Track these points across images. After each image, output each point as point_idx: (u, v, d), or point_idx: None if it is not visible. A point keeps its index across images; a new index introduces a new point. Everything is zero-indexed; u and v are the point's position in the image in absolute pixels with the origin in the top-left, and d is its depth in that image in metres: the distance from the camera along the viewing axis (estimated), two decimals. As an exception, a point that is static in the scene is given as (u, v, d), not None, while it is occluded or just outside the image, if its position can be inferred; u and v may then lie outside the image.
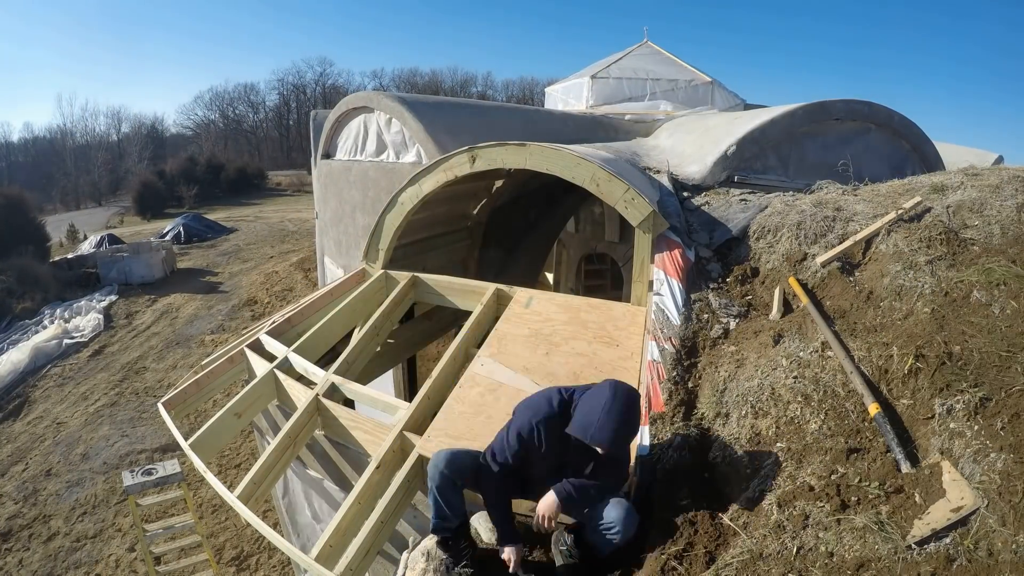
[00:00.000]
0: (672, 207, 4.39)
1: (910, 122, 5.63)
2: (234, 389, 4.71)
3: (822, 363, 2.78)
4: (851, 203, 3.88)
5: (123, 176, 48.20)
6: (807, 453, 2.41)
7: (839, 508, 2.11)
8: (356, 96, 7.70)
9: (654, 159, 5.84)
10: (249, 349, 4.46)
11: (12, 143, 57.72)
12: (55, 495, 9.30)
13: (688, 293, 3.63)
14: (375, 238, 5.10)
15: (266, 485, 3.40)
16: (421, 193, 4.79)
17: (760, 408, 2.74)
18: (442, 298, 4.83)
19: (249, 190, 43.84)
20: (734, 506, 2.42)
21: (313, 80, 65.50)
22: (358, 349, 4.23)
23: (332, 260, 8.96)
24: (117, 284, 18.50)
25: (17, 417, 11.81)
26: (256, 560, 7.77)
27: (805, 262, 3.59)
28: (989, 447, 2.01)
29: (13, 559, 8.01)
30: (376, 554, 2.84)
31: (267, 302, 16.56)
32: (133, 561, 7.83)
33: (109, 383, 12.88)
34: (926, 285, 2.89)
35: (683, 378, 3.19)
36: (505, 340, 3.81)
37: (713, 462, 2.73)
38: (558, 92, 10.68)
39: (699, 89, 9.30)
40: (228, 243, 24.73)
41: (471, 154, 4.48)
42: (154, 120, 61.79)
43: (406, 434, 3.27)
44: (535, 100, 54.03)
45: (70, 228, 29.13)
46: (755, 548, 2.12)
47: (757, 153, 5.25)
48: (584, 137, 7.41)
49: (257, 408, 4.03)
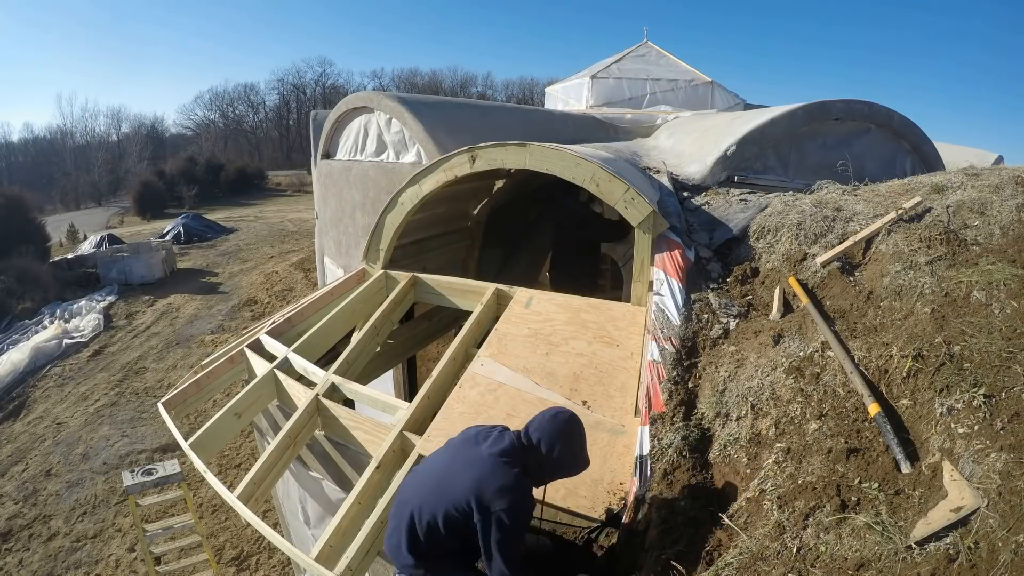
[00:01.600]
0: (672, 207, 4.39)
1: (910, 122, 5.63)
2: (234, 389, 4.71)
3: (822, 363, 2.78)
4: (851, 203, 3.88)
5: (123, 176, 48.21)
6: (807, 453, 2.41)
7: (839, 508, 2.10)
8: (356, 96, 7.70)
9: (654, 159, 5.84)
10: (249, 349, 4.46)
11: (12, 143, 57.76)
12: (55, 495, 9.30)
13: (688, 293, 3.63)
14: (375, 238, 5.10)
15: (266, 485, 3.40)
16: (421, 193, 4.79)
17: (760, 408, 2.74)
18: (442, 298, 4.83)
19: (249, 190, 43.86)
20: (734, 506, 2.42)
21: (313, 80, 65.65)
22: (358, 349, 4.23)
23: (332, 260, 8.95)
24: (117, 284, 18.49)
25: (17, 417, 11.81)
26: (256, 560, 7.77)
27: (805, 262, 3.59)
28: (989, 447, 2.01)
29: (13, 559, 8.01)
30: (376, 554, 2.84)
31: (267, 302, 16.56)
32: (133, 561, 7.83)
33: (109, 383, 12.87)
34: (926, 285, 2.89)
35: (683, 378, 3.19)
36: (505, 340, 3.81)
37: (713, 462, 2.72)
38: (558, 92, 10.68)
39: (699, 89, 9.30)
40: (228, 243, 24.73)
41: (471, 154, 4.48)
42: (154, 120, 61.94)
43: (406, 434, 3.27)
44: (535, 100, 54.05)
45: (70, 228, 29.12)
46: (755, 548, 2.12)
47: (757, 153, 5.25)
48: (584, 137, 7.41)
49: (257, 408, 4.03)
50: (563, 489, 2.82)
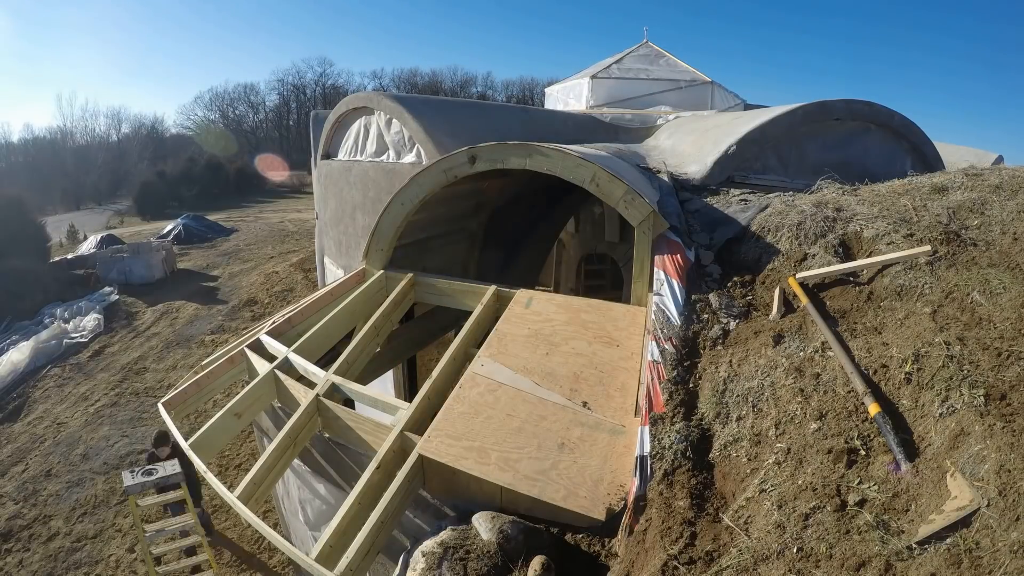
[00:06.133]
0: (672, 207, 4.39)
1: (910, 122, 5.63)
2: (234, 389, 4.71)
3: (822, 363, 2.78)
4: (851, 203, 3.88)
5: (123, 177, 48.21)
6: (807, 453, 2.41)
7: (839, 508, 2.10)
8: (356, 96, 7.70)
9: (654, 159, 5.85)
10: (249, 349, 4.46)
11: (12, 143, 57.73)
12: (55, 495, 9.29)
13: (688, 293, 3.63)
14: (375, 238, 5.10)
15: (266, 485, 3.40)
16: (421, 193, 4.79)
17: (760, 408, 2.74)
18: (442, 298, 4.83)
19: (249, 190, 43.87)
20: (734, 506, 2.42)
21: (313, 80, 65.58)
22: (358, 349, 4.23)
23: (332, 260, 8.96)
24: (117, 284, 18.47)
25: (17, 417, 11.81)
26: (256, 560, 7.76)
27: (805, 262, 3.59)
28: (989, 447, 2.01)
29: (13, 559, 8.01)
30: (376, 554, 2.83)
31: (267, 302, 16.56)
32: (133, 562, 7.83)
33: (109, 383, 12.87)
34: (926, 285, 2.89)
35: (683, 378, 3.19)
36: (505, 340, 3.81)
37: (713, 462, 2.72)
38: (558, 92, 10.69)
39: (699, 89, 9.31)
40: (228, 243, 24.73)
41: (471, 154, 4.47)
42: (154, 120, 61.92)
43: (406, 434, 3.27)
44: (535, 100, 54.05)
45: (70, 228, 29.14)
46: (755, 548, 2.12)
47: (757, 153, 5.25)
48: (584, 137, 7.41)
49: (257, 408, 4.03)
50: (563, 489, 2.82)
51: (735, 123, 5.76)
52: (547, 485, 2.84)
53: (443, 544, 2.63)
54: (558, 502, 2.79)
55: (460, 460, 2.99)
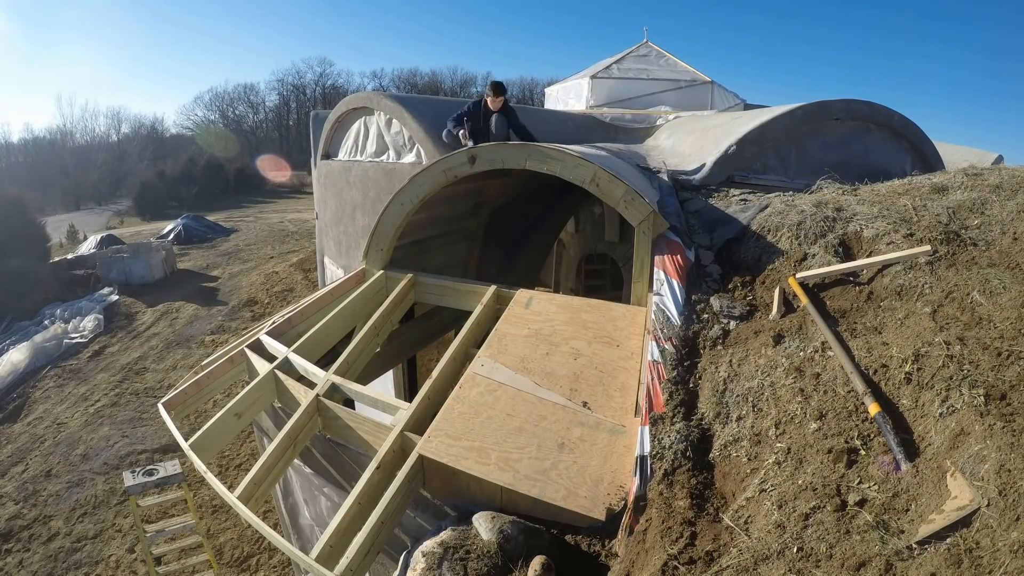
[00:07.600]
0: (672, 207, 4.39)
1: (910, 122, 5.63)
2: (234, 389, 4.71)
3: (822, 363, 2.78)
4: (851, 203, 3.88)
5: (123, 177, 48.19)
6: (807, 453, 2.41)
7: (839, 508, 2.10)
8: (356, 97, 7.71)
9: (654, 159, 5.85)
10: (249, 349, 4.46)
11: (12, 143, 57.71)
12: (55, 496, 9.29)
13: (688, 293, 3.63)
14: (375, 238, 5.10)
15: (266, 485, 3.40)
16: (421, 193, 4.79)
17: (760, 408, 2.74)
18: (442, 298, 4.83)
19: (249, 190, 43.87)
20: (734, 506, 2.42)
21: (313, 80, 65.52)
22: (358, 349, 4.23)
23: (332, 260, 8.96)
24: (117, 285, 18.48)
25: (17, 418, 11.81)
26: (256, 560, 7.77)
27: (805, 262, 3.59)
28: (989, 447, 2.01)
29: (13, 560, 8.01)
30: (376, 554, 2.83)
31: (267, 302, 16.56)
32: (133, 562, 7.83)
33: (109, 384, 12.88)
34: (926, 285, 2.89)
35: (683, 378, 3.19)
36: (505, 340, 3.81)
37: (713, 462, 2.72)
38: (558, 92, 10.69)
39: (699, 89, 9.32)
40: (228, 243, 24.73)
41: (471, 154, 4.48)
42: (154, 120, 61.94)
43: (406, 434, 3.27)
44: (535, 100, 54.02)
45: (70, 229, 29.16)
46: (755, 548, 2.12)
47: (757, 153, 5.26)
48: (584, 137, 7.41)
49: (257, 408, 4.03)
50: (563, 489, 2.82)
51: (735, 123, 5.76)
52: (547, 485, 2.84)
53: (443, 544, 2.63)
54: (558, 502, 2.79)
55: (460, 460, 2.99)
